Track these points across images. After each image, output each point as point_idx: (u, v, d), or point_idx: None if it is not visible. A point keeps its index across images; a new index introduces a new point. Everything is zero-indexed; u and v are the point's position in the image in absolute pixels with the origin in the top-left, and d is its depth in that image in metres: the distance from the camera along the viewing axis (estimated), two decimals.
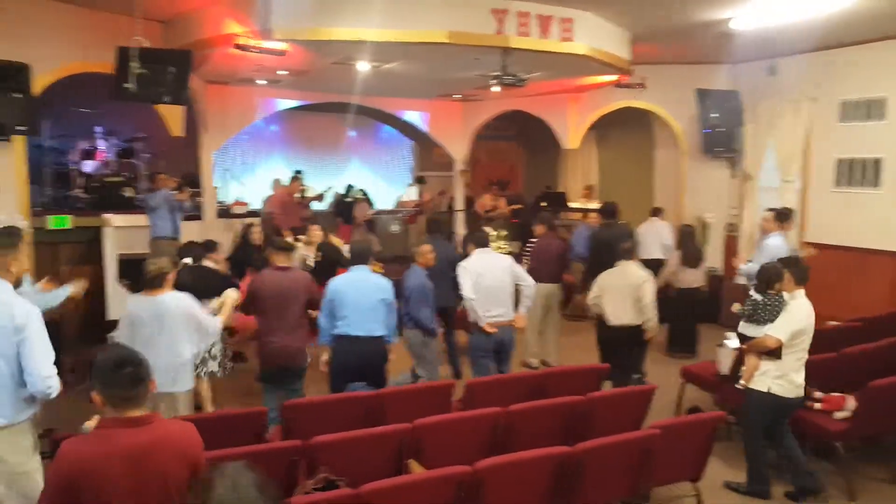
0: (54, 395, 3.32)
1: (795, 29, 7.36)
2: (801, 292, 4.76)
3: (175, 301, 4.44)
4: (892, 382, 4.83)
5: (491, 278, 5.78)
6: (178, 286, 4.64)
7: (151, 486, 2.50)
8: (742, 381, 4.86)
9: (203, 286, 5.41)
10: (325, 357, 5.32)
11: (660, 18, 7.41)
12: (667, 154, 10.81)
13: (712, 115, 8.97)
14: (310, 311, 5.46)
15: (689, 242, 8.27)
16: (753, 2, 6.62)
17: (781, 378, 4.65)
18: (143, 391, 2.54)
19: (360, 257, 5.45)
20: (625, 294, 6.02)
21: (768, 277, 4.83)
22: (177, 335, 4.43)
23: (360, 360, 5.25)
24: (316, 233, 7.61)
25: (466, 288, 5.77)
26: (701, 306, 8.33)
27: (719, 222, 10.10)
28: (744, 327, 4.99)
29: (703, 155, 10.02)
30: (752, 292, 5.11)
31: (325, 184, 11.77)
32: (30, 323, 3.24)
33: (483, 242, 6.02)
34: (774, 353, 4.63)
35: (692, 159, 10.31)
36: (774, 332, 4.60)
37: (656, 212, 9.57)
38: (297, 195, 10.54)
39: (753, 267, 6.92)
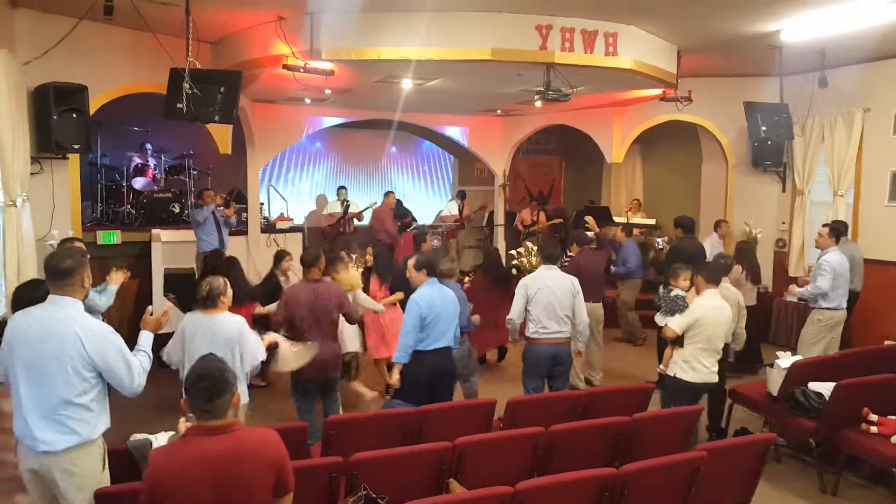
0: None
1: (847, 40, 7.20)
2: (711, 291, 5.27)
3: (228, 322, 4.52)
4: None
5: (551, 295, 5.72)
6: None
7: (235, 492, 2.62)
8: (661, 367, 5.48)
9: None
10: (396, 375, 5.27)
11: (707, 31, 7.32)
12: (714, 168, 10.63)
13: (761, 128, 8.80)
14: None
15: (750, 257, 8.10)
16: (804, 14, 6.49)
17: (686, 364, 5.19)
18: (221, 405, 2.65)
19: (432, 270, 5.46)
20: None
21: (668, 275, 5.68)
22: (226, 355, 4.44)
23: (440, 370, 5.30)
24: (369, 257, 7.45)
25: (515, 308, 5.79)
26: (753, 324, 8.12)
27: (768, 238, 9.89)
28: (658, 318, 5.54)
29: (752, 169, 9.85)
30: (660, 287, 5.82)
31: (368, 200, 11.84)
32: (105, 347, 3.27)
33: (551, 259, 5.97)
34: (677, 341, 5.24)
35: (740, 173, 10.13)
36: (671, 323, 5.25)
37: (717, 225, 9.42)
38: (339, 210, 10.75)
39: (808, 291, 6.79)
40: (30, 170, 6.10)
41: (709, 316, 5.17)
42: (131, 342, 3.61)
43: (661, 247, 8.93)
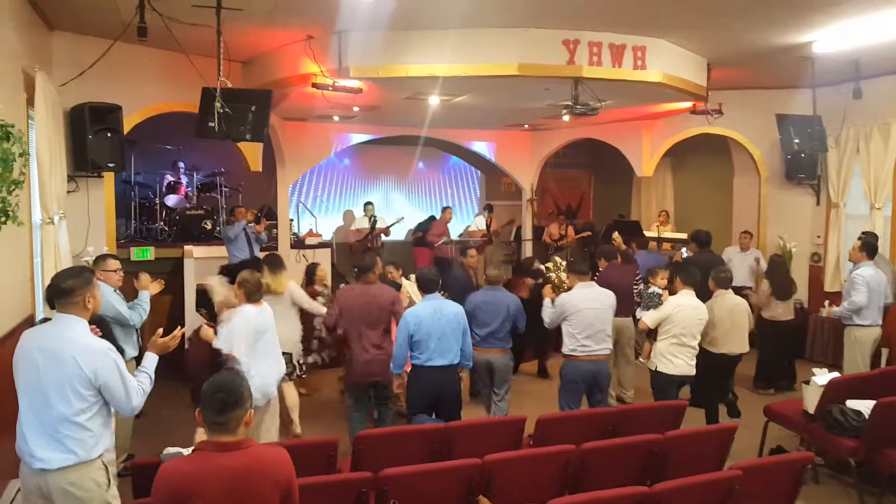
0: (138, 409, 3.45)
1: (882, 50, 7.08)
2: (687, 291, 5.88)
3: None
4: None
5: (593, 315, 5.67)
6: None
7: None
8: (641, 359, 6.09)
9: None
10: (397, 382, 5.51)
11: (737, 44, 7.25)
12: (746, 181, 10.50)
13: (794, 141, 8.68)
14: None
15: (780, 273, 7.96)
16: (837, 24, 6.41)
17: (664, 358, 5.77)
18: (233, 419, 2.61)
19: (426, 286, 5.49)
20: (739, 323, 6.18)
21: (648, 275, 6.50)
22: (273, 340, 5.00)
23: (438, 388, 5.30)
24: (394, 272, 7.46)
25: (551, 316, 5.84)
26: (789, 340, 7.99)
27: (803, 252, 9.72)
28: (637, 312, 6.27)
29: (785, 181, 9.71)
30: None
31: (396, 215, 11.87)
32: (101, 365, 3.24)
33: (584, 274, 5.93)
34: (651, 334, 6.01)
35: (773, 186, 10.00)
36: (645, 317, 5.97)
37: (740, 236, 9.31)
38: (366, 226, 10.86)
39: (844, 309, 6.67)
40: (66, 188, 6.24)
41: (680, 313, 5.73)
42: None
43: (685, 256, 8.85)
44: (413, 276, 7.10)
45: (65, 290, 3.31)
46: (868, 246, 6.76)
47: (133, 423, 5.39)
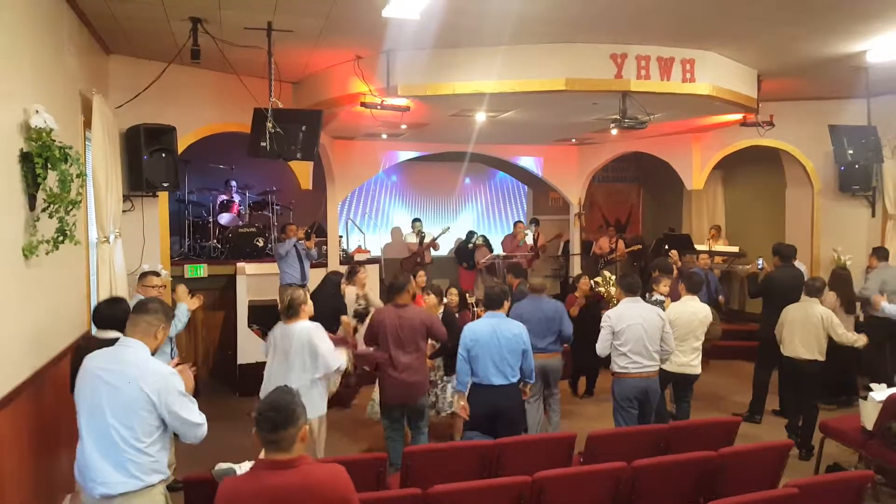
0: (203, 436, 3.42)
1: None
2: (689, 297, 6.39)
3: (300, 329, 4.97)
4: None
5: (640, 330, 5.59)
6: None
7: None
8: None
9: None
10: (462, 402, 5.34)
11: (788, 55, 7.14)
12: (799, 193, 10.28)
13: (847, 152, 8.48)
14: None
15: (844, 286, 7.77)
16: (891, 33, 6.26)
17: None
18: (287, 437, 2.62)
19: (494, 303, 5.43)
20: (808, 329, 6.31)
21: (652, 283, 6.63)
22: (299, 360, 4.94)
23: (493, 408, 5.22)
24: (420, 279, 7.67)
25: (601, 341, 5.73)
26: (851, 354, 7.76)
27: (859, 265, 9.44)
28: None
29: (839, 193, 9.49)
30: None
31: (441, 226, 11.89)
32: (161, 387, 3.22)
33: (632, 289, 5.82)
34: None
35: (826, 198, 9.77)
36: None
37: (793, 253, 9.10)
38: (415, 240, 10.94)
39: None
40: (122, 207, 6.39)
41: (680, 319, 6.18)
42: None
43: (760, 266, 8.59)
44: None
45: (147, 309, 3.39)
46: None
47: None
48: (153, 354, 3.38)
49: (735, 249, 10.92)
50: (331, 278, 7.82)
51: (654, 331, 5.63)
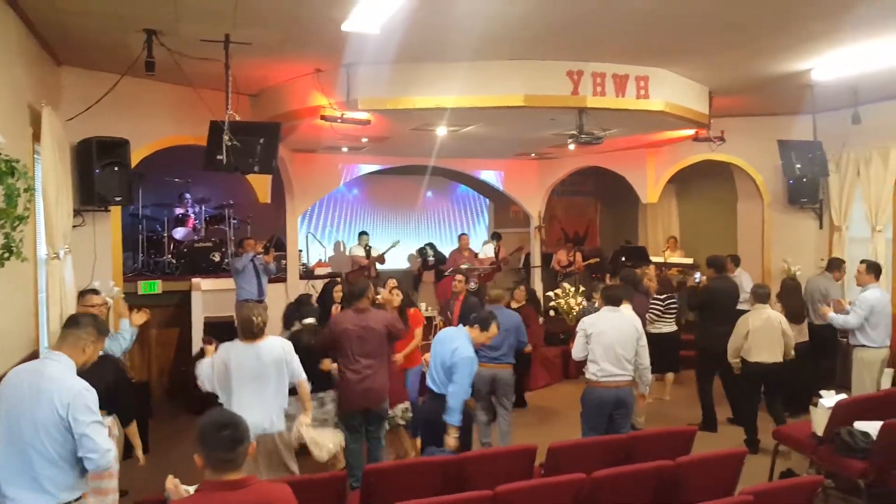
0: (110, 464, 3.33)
1: (879, 76, 7.15)
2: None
3: (276, 344, 4.81)
4: None
5: (613, 338, 5.65)
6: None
7: None
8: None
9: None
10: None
11: (738, 72, 7.35)
12: (749, 206, 10.56)
13: (795, 166, 8.77)
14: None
15: (793, 296, 7.96)
16: (835, 52, 6.49)
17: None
18: (242, 453, 2.59)
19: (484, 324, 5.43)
20: (770, 334, 6.50)
21: (591, 292, 6.88)
22: (273, 379, 4.74)
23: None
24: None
25: (576, 346, 5.79)
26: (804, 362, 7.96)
27: (808, 274, 9.71)
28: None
29: (788, 206, 9.76)
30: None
31: (390, 240, 11.66)
32: (69, 401, 3.14)
33: (615, 301, 5.87)
34: None
35: (776, 211, 10.04)
36: None
37: (737, 262, 9.33)
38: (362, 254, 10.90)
39: (838, 319, 6.84)
40: (72, 223, 6.17)
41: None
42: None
43: (697, 280, 8.85)
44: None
45: (77, 322, 3.31)
46: (874, 267, 6.86)
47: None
48: (84, 368, 3.31)
49: (689, 261, 11.14)
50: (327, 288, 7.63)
51: (628, 341, 5.67)
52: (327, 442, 5.19)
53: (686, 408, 7.85)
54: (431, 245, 12.63)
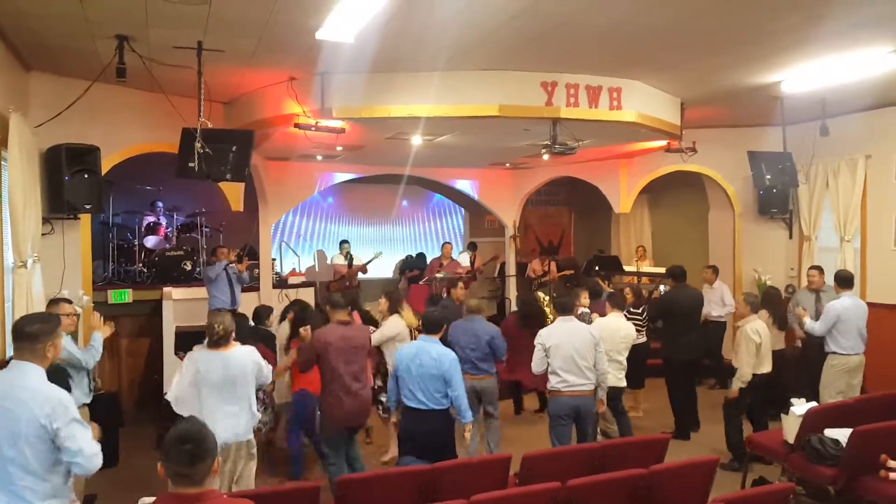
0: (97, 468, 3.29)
1: (847, 89, 7.29)
2: (615, 314, 6.72)
3: (244, 353, 4.73)
4: None
5: (570, 348, 5.68)
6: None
7: None
8: None
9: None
10: (393, 419, 5.43)
11: (709, 84, 7.44)
12: (721, 216, 10.69)
13: (766, 177, 8.92)
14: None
15: (778, 303, 8.06)
16: (804, 65, 6.61)
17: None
18: (202, 470, 2.51)
19: (431, 326, 5.42)
20: (768, 343, 6.48)
21: (573, 298, 6.55)
22: (240, 388, 4.67)
23: (415, 431, 5.21)
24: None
25: (535, 360, 5.80)
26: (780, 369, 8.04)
27: (778, 283, 9.85)
28: None
29: (759, 216, 9.90)
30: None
31: (372, 251, 11.71)
32: (50, 411, 3.11)
33: (566, 309, 5.94)
34: None
35: (747, 221, 10.18)
36: None
37: (716, 272, 9.44)
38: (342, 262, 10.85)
39: (807, 324, 6.93)
40: (41, 230, 6.09)
41: (606, 332, 6.30)
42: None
43: (662, 291, 8.99)
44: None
45: (28, 335, 3.21)
46: (838, 277, 6.97)
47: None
48: (51, 369, 3.27)
49: (661, 270, 11.24)
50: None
51: (585, 348, 5.72)
52: None
53: (662, 416, 7.92)
54: (420, 255, 12.65)
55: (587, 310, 6.88)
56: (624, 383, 6.68)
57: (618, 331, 6.59)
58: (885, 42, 5.91)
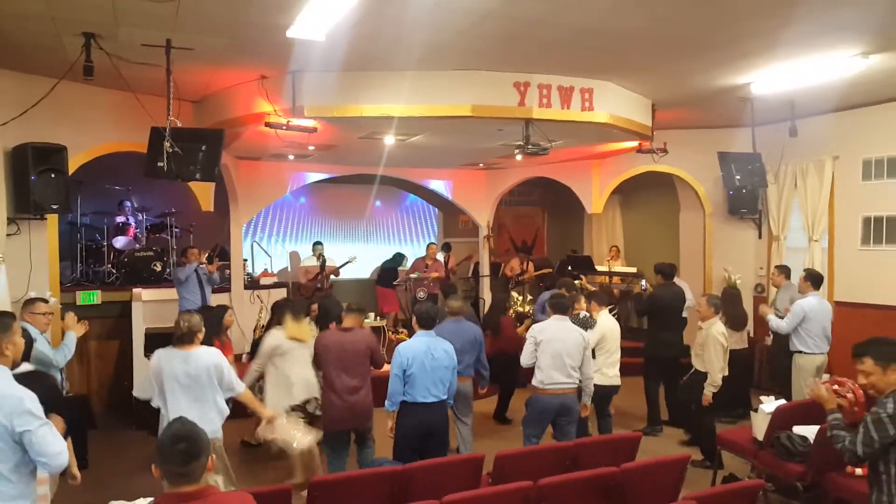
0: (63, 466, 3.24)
1: (815, 91, 7.41)
2: (604, 311, 6.90)
3: (207, 355, 4.70)
4: None
5: (560, 346, 5.71)
6: None
7: None
8: None
9: None
10: (390, 423, 5.31)
11: (680, 86, 7.52)
12: (691, 216, 10.81)
13: (735, 177, 9.03)
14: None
15: (735, 303, 8.16)
16: (773, 67, 6.70)
17: (597, 372, 6.31)
18: (198, 468, 2.54)
19: (425, 321, 5.45)
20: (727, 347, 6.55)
21: (568, 303, 6.44)
22: (206, 387, 4.66)
23: (428, 426, 5.24)
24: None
25: (525, 353, 5.84)
26: (743, 369, 8.14)
27: (748, 283, 10.00)
28: None
29: (728, 216, 10.01)
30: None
31: (348, 254, 11.55)
32: (9, 409, 3.05)
33: (562, 309, 5.94)
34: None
35: (717, 221, 10.30)
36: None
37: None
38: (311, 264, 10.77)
39: (772, 321, 7.06)
40: (6, 231, 6.02)
41: (610, 330, 6.73)
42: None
43: (644, 287, 9.02)
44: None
45: None
46: (812, 276, 7.07)
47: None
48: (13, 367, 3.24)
49: (633, 270, 11.34)
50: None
51: (574, 349, 5.75)
52: (295, 433, 5.26)
53: (633, 416, 7.97)
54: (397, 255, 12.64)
55: (587, 313, 6.91)
56: (618, 382, 6.77)
57: (616, 329, 6.81)
58: (851, 45, 6.02)
